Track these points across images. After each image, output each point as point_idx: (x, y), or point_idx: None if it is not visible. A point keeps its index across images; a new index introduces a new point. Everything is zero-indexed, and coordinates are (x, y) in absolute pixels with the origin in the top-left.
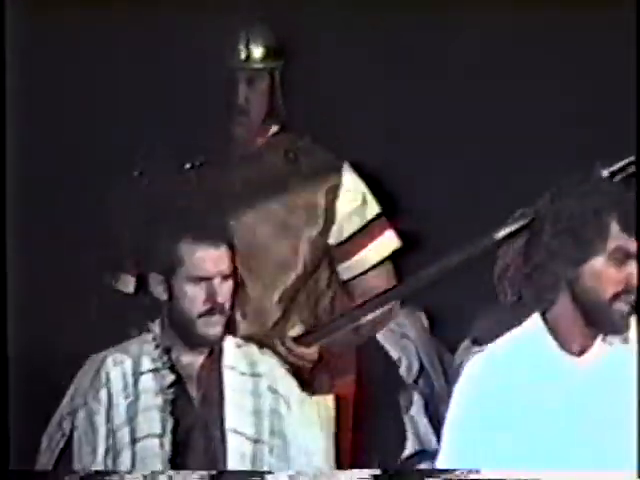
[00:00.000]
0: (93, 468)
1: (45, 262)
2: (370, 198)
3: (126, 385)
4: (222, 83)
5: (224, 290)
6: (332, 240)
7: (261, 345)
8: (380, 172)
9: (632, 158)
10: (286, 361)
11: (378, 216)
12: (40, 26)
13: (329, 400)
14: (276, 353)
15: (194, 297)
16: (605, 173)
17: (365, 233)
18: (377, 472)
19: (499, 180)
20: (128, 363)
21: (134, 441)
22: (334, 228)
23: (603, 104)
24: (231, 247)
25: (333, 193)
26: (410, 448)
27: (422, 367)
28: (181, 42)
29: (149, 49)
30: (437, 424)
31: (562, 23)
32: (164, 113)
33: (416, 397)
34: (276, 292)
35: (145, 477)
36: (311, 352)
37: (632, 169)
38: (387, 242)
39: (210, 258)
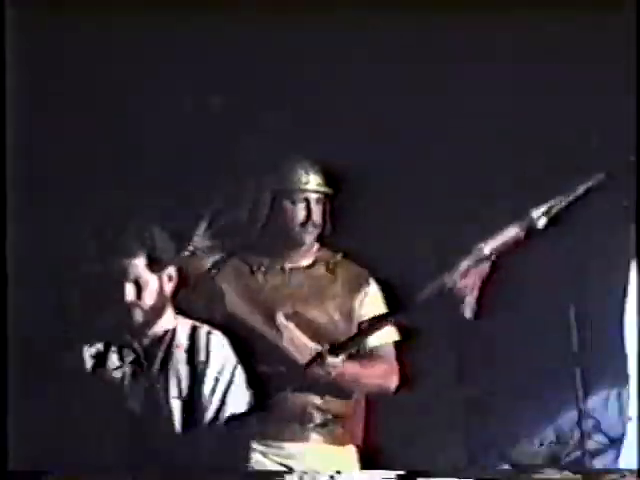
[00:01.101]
0: None
1: (44, 261)
2: (382, 301)
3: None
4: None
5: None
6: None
7: None
8: None
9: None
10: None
11: (385, 315)
12: (40, 26)
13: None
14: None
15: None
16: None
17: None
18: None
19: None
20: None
21: None
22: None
23: (603, 104)
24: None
25: (363, 299)
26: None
27: None
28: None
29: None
30: None
31: (562, 23)
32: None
33: None
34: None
35: None
36: (338, 361)
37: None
38: (386, 334)
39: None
